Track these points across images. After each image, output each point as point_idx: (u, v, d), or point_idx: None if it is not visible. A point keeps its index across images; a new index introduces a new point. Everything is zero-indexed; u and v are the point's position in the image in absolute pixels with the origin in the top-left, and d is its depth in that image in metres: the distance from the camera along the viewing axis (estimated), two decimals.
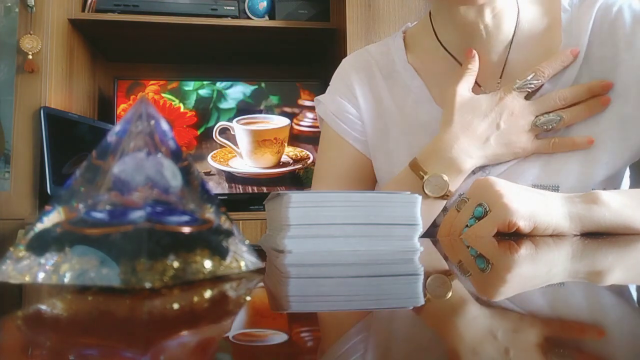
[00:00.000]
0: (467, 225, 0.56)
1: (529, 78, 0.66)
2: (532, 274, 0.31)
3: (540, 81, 0.66)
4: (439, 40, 0.74)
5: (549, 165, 0.67)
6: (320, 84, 2.04)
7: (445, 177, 0.64)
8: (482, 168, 0.69)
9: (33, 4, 1.62)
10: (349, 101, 0.78)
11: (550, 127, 0.65)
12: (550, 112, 0.66)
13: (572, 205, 0.54)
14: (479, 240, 0.51)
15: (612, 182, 0.68)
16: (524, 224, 0.51)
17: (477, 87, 0.72)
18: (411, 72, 0.76)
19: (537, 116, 0.66)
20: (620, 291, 0.25)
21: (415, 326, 0.19)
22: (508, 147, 0.66)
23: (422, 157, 0.67)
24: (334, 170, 0.79)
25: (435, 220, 0.71)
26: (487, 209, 0.54)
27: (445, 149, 0.65)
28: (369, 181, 0.79)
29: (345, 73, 0.81)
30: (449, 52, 0.73)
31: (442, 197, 0.66)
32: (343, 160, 0.78)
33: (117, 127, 0.28)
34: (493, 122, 0.65)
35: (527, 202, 0.53)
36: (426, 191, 0.65)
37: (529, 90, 0.66)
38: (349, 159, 0.78)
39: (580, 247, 0.44)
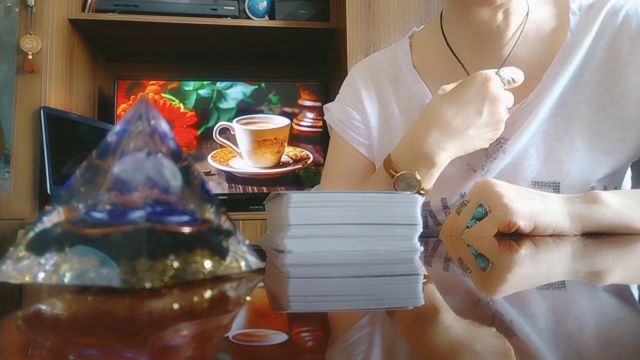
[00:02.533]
0: (467, 227, 0.57)
1: (507, 71, 0.65)
2: (531, 273, 0.31)
3: (517, 81, 0.66)
4: (446, 41, 0.75)
5: (549, 162, 0.67)
6: (320, 84, 2.04)
7: (418, 176, 0.63)
8: (481, 166, 0.69)
9: (33, 4, 1.62)
10: (355, 107, 0.81)
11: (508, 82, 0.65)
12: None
13: (572, 205, 0.55)
14: (478, 240, 0.51)
15: (612, 181, 0.68)
16: (524, 224, 0.52)
17: None
18: (415, 76, 0.77)
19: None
20: (621, 291, 0.25)
21: (414, 326, 0.19)
22: (485, 137, 0.64)
23: (395, 153, 0.66)
24: (340, 173, 0.82)
25: (438, 217, 0.72)
26: (487, 210, 0.54)
27: (417, 144, 0.64)
28: None
29: (353, 81, 0.83)
30: (454, 54, 0.74)
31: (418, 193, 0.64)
32: (348, 164, 0.80)
33: (117, 127, 0.28)
34: (476, 110, 0.63)
35: (527, 202, 0.53)
36: (398, 190, 0.64)
37: (506, 83, 0.65)
38: (353, 162, 0.80)
39: (580, 247, 0.44)
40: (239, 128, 1.95)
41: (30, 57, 1.61)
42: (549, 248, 0.43)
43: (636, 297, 0.24)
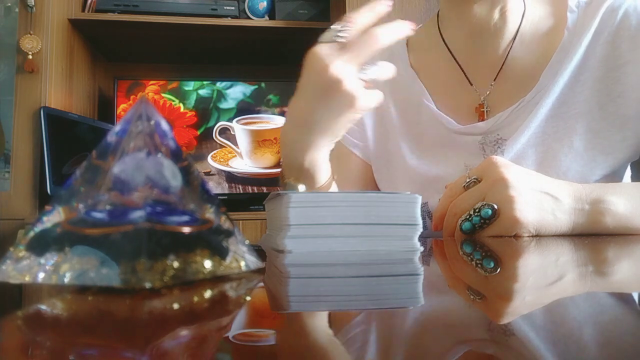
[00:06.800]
0: (467, 220, 0.53)
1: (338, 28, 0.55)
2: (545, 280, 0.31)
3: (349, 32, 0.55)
4: (443, 41, 0.75)
5: (547, 163, 0.67)
6: None
7: (301, 186, 0.58)
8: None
9: (33, 4, 1.62)
10: None
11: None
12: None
13: (580, 216, 0.54)
14: (478, 240, 0.51)
15: (611, 181, 0.68)
16: (527, 235, 0.51)
17: (468, 85, 0.73)
18: (412, 75, 0.77)
19: None
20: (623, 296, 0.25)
21: (414, 326, 0.19)
22: (344, 117, 0.55)
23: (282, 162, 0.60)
24: (339, 176, 0.81)
25: (428, 204, 0.71)
26: (497, 213, 0.52)
27: (285, 151, 0.59)
28: (371, 186, 0.80)
29: None
30: (452, 53, 0.74)
31: None
32: (345, 166, 0.80)
33: (117, 127, 0.28)
34: (317, 95, 0.55)
35: (537, 212, 0.51)
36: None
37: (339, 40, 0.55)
38: (349, 165, 0.80)
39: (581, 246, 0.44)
40: (239, 128, 1.95)
41: (30, 57, 1.61)
42: (549, 248, 0.43)
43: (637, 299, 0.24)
